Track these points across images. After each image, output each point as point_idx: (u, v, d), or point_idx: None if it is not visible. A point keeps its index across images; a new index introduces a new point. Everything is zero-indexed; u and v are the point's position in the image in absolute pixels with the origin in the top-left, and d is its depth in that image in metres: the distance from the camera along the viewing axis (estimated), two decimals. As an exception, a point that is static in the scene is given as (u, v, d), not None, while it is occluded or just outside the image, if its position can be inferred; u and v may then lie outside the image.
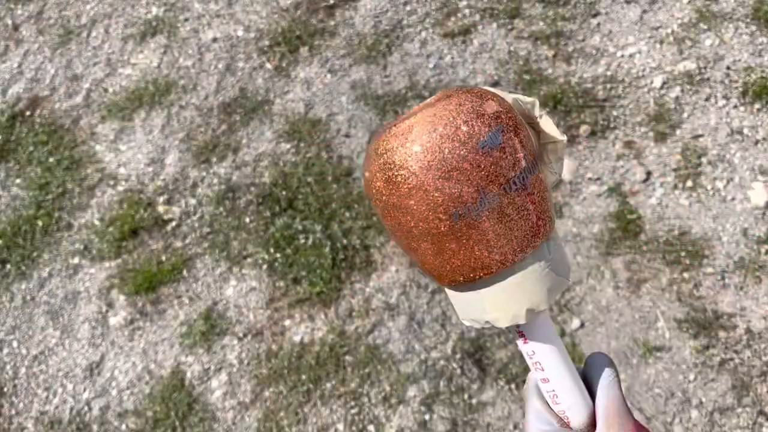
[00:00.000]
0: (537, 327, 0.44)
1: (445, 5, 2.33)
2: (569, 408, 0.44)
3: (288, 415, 1.62)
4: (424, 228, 0.39)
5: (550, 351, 0.44)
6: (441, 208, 0.38)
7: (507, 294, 0.41)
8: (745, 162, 1.88)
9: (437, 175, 0.38)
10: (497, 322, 0.42)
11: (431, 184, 0.38)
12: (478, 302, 0.42)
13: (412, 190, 0.38)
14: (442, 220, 0.39)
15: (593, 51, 2.16)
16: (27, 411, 1.71)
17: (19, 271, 1.92)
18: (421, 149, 0.38)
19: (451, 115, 0.39)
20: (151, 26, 2.41)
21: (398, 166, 0.39)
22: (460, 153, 0.38)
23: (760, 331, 1.64)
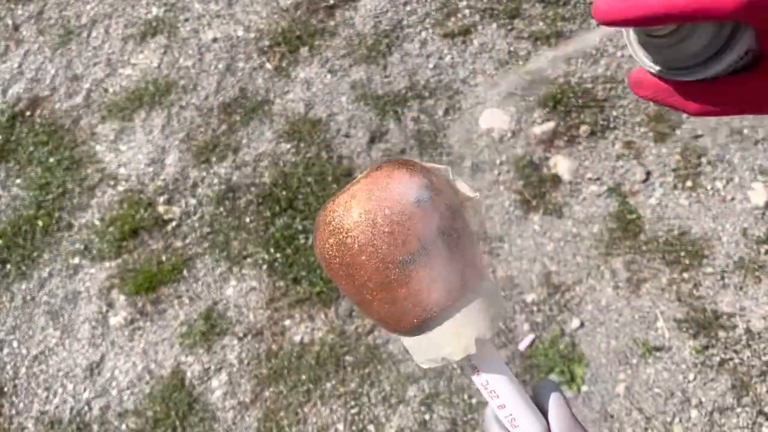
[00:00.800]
0: (486, 358, 0.49)
1: (445, 5, 2.33)
2: (527, 429, 0.48)
3: (288, 415, 1.62)
4: (377, 279, 0.45)
5: (502, 378, 0.49)
6: (389, 257, 0.44)
7: (456, 328, 0.47)
8: (745, 162, 1.89)
9: (382, 230, 0.44)
10: (452, 355, 0.47)
11: (378, 239, 0.44)
12: (431, 342, 0.48)
13: (362, 247, 0.45)
14: (392, 269, 0.45)
15: (593, 51, 2.16)
16: (27, 411, 1.71)
17: (19, 271, 1.92)
18: (365, 210, 0.45)
19: (385, 180, 0.46)
20: (152, 26, 2.41)
21: (347, 229, 0.45)
22: (398, 209, 0.44)
23: (759, 330, 1.64)
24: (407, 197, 0.45)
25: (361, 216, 0.45)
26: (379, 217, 0.45)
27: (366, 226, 0.45)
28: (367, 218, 0.45)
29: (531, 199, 1.88)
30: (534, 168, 1.94)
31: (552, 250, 1.80)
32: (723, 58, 0.34)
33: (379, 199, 0.45)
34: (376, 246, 0.45)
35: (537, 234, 1.83)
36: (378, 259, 0.45)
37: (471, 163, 1.96)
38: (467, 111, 2.07)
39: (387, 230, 0.44)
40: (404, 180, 0.46)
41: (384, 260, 0.45)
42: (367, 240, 0.45)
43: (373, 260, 0.45)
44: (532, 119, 2.03)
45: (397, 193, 0.45)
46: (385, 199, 0.45)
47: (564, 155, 1.95)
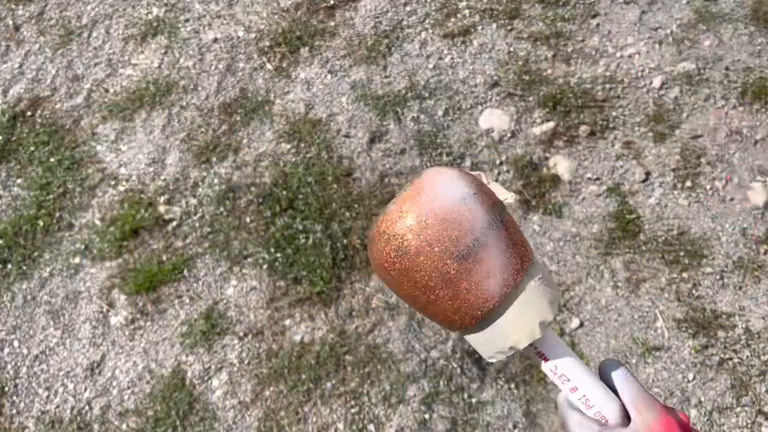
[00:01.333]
0: (550, 344, 0.51)
1: (445, 6, 2.34)
2: (602, 407, 0.50)
3: (288, 415, 1.63)
4: (437, 277, 0.48)
5: (570, 361, 0.51)
6: (446, 254, 0.47)
7: (518, 315, 0.49)
8: (744, 162, 1.89)
9: (435, 229, 0.47)
10: (519, 343, 0.49)
11: (433, 238, 0.47)
12: (497, 334, 0.50)
13: (419, 248, 0.47)
14: (450, 265, 0.47)
15: (592, 51, 2.16)
16: (28, 410, 1.71)
17: (20, 270, 1.92)
18: (416, 214, 0.48)
19: (430, 184, 0.49)
20: (152, 27, 2.42)
21: (402, 235, 0.48)
22: (447, 208, 0.48)
23: (758, 330, 1.64)
24: (453, 196, 0.48)
25: (413, 220, 0.48)
26: (430, 218, 0.47)
27: (420, 229, 0.47)
28: (419, 221, 0.48)
29: (531, 199, 1.89)
30: (534, 168, 1.94)
31: (551, 249, 1.81)
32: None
33: (427, 202, 0.48)
34: (432, 245, 0.47)
35: (537, 234, 1.83)
36: (436, 258, 0.47)
37: (471, 163, 1.97)
38: (467, 111, 2.08)
39: (440, 229, 0.47)
40: (447, 181, 0.49)
41: (441, 258, 0.47)
42: (423, 241, 0.47)
43: (432, 259, 0.48)
44: (531, 119, 2.04)
45: (444, 194, 0.48)
46: (432, 201, 0.48)
47: (564, 155, 1.96)
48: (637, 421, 0.48)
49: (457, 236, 0.47)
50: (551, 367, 0.51)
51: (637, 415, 0.49)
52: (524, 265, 0.49)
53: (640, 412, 0.49)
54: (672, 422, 0.48)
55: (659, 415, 0.48)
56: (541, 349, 0.51)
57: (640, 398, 0.50)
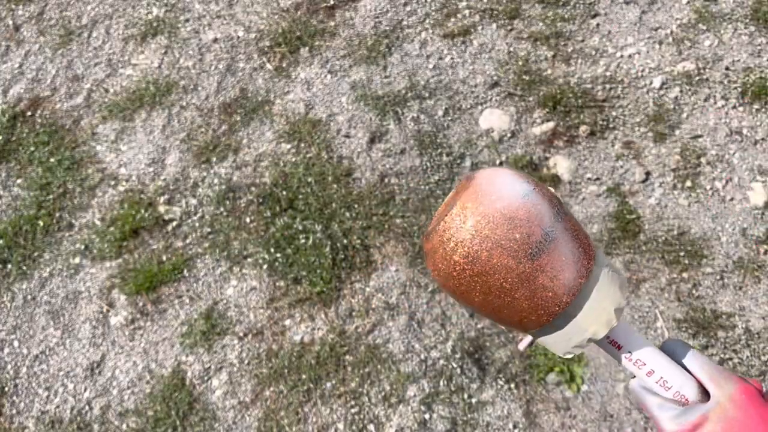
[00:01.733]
0: (623, 331, 0.51)
1: (445, 6, 2.34)
2: (681, 387, 0.50)
3: (288, 415, 1.63)
4: (512, 277, 0.47)
5: (644, 346, 0.50)
6: (519, 252, 0.46)
7: (595, 305, 0.48)
8: (744, 162, 1.89)
9: (504, 229, 0.46)
10: (597, 334, 0.49)
11: (503, 238, 0.46)
12: (574, 328, 0.49)
13: (490, 250, 0.46)
14: (524, 262, 0.46)
15: (592, 51, 2.16)
16: (28, 410, 1.71)
17: (20, 270, 1.92)
18: (482, 216, 0.46)
19: (487, 185, 0.48)
20: (152, 27, 2.42)
21: (469, 240, 0.47)
22: (512, 206, 0.46)
23: (759, 330, 1.64)
24: (515, 193, 0.47)
25: (480, 223, 0.46)
26: (497, 218, 0.46)
27: (489, 230, 0.46)
28: (487, 223, 0.46)
29: (531, 199, 1.88)
30: (534, 168, 1.94)
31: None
32: None
33: (490, 203, 0.47)
34: (503, 245, 0.46)
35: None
36: (509, 257, 0.46)
37: (471, 163, 1.97)
38: (467, 111, 2.08)
39: (509, 228, 0.46)
40: (506, 180, 0.48)
41: (515, 256, 0.46)
42: (493, 243, 0.46)
43: (505, 259, 0.46)
44: (531, 119, 2.04)
45: (505, 193, 0.47)
46: (495, 201, 0.47)
47: (563, 155, 1.96)
48: (718, 394, 0.48)
49: (527, 233, 0.46)
50: (625, 354, 0.51)
51: (716, 388, 0.48)
52: (592, 253, 0.48)
53: (719, 386, 0.49)
54: (752, 390, 0.48)
55: (738, 385, 0.48)
56: (614, 338, 0.51)
57: (716, 372, 0.49)
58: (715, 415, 0.47)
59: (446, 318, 1.71)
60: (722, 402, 0.47)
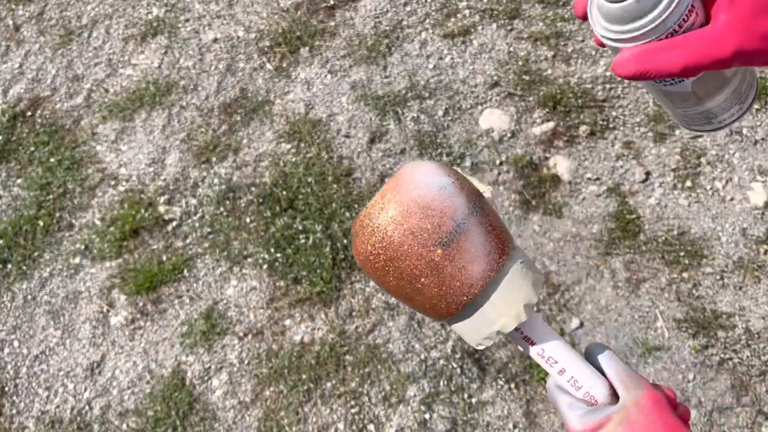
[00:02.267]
0: (537, 327, 0.52)
1: (445, 6, 2.34)
2: (591, 387, 0.51)
3: (288, 415, 1.63)
4: (422, 264, 0.49)
5: (557, 344, 0.52)
6: (429, 241, 0.48)
7: (503, 298, 0.50)
8: (744, 162, 1.89)
9: (417, 217, 0.48)
10: (506, 327, 0.50)
11: (415, 226, 0.48)
12: (483, 319, 0.50)
13: (402, 237, 0.48)
14: (434, 251, 0.48)
15: (592, 51, 2.16)
16: (28, 410, 1.71)
17: (20, 270, 1.92)
18: (398, 204, 0.49)
19: (409, 175, 0.50)
20: (152, 27, 2.42)
21: (385, 226, 0.49)
22: (427, 196, 0.49)
23: (759, 330, 1.64)
24: (432, 185, 0.49)
25: (395, 209, 0.49)
26: (412, 207, 0.48)
27: (402, 218, 0.48)
28: (401, 211, 0.49)
29: (531, 199, 1.89)
30: (534, 168, 1.94)
31: (551, 249, 1.81)
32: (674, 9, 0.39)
33: (407, 192, 0.49)
34: (415, 233, 0.48)
35: (537, 234, 1.83)
36: (419, 245, 0.48)
37: (471, 163, 1.97)
38: (467, 111, 2.08)
39: (421, 217, 0.48)
40: (426, 171, 0.50)
41: (425, 244, 0.48)
42: (406, 230, 0.48)
43: (415, 247, 0.48)
44: (531, 119, 2.04)
45: (423, 183, 0.49)
46: (412, 191, 0.49)
47: (563, 155, 1.96)
48: (626, 398, 0.49)
49: (438, 223, 0.48)
50: (538, 351, 0.52)
51: (625, 391, 0.50)
52: (506, 249, 0.50)
53: (627, 389, 0.50)
54: (659, 397, 0.49)
55: (647, 391, 0.49)
56: (527, 333, 0.52)
57: (627, 376, 0.50)
58: (618, 417, 0.48)
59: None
60: (628, 405, 0.48)
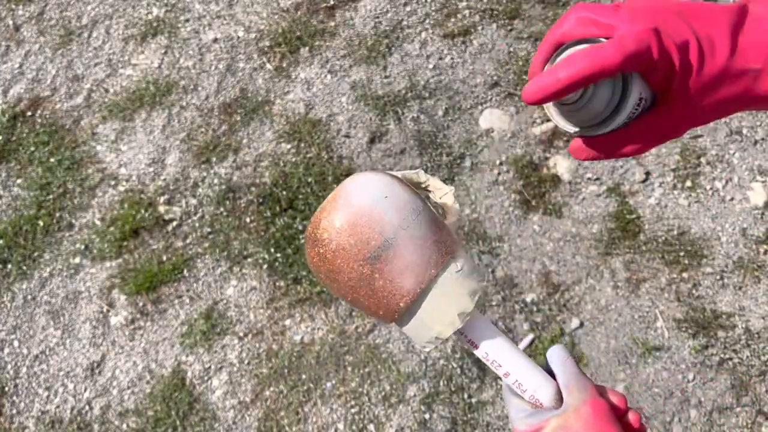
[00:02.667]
0: (480, 330, 0.53)
1: (445, 6, 2.34)
2: (535, 390, 0.51)
3: (288, 415, 1.63)
4: (355, 278, 0.50)
5: (499, 347, 0.52)
6: (359, 256, 0.50)
7: (436, 306, 0.51)
8: (744, 162, 1.89)
9: (346, 233, 0.50)
10: (442, 333, 0.51)
11: (345, 242, 0.50)
12: (421, 324, 0.52)
13: (335, 252, 0.50)
14: (364, 265, 0.50)
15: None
16: (28, 410, 1.71)
17: (20, 270, 1.92)
18: (331, 219, 0.51)
19: (347, 189, 0.52)
20: (152, 27, 2.42)
21: (320, 240, 0.51)
22: (358, 212, 0.50)
23: (758, 330, 1.64)
24: (365, 200, 0.50)
25: (329, 224, 0.51)
26: (343, 223, 0.50)
27: (334, 234, 0.50)
28: (333, 226, 0.50)
29: (531, 199, 1.89)
30: (534, 168, 1.94)
31: (551, 249, 1.81)
32: (623, 110, 0.42)
33: (342, 207, 0.51)
34: (345, 249, 0.50)
35: (536, 234, 1.83)
36: (350, 260, 0.50)
37: (471, 163, 1.97)
38: (467, 111, 2.08)
39: (350, 233, 0.50)
40: (361, 185, 0.52)
41: (355, 259, 0.50)
42: (337, 245, 0.50)
43: (347, 262, 0.50)
44: (531, 119, 2.04)
45: (356, 198, 0.51)
46: (346, 206, 0.51)
47: (563, 155, 1.96)
48: (568, 402, 0.49)
49: (367, 239, 0.49)
50: (482, 354, 0.53)
51: (569, 396, 0.49)
52: (442, 259, 0.51)
53: (571, 394, 0.49)
54: (601, 404, 0.49)
55: (589, 397, 0.49)
56: (470, 337, 0.53)
57: (573, 380, 0.50)
58: (556, 421, 0.48)
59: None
60: (568, 411, 0.48)
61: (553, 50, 0.45)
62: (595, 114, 0.43)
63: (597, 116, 0.43)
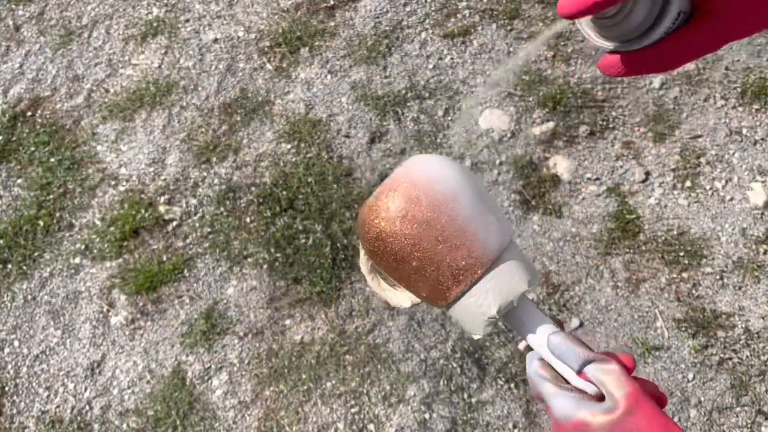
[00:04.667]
0: (530, 314, 0.54)
1: (444, 6, 2.34)
2: (577, 380, 0.52)
3: (288, 414, 1.63)
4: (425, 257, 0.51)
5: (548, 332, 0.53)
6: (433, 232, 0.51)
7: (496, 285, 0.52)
8: (744, 162, 1.89)
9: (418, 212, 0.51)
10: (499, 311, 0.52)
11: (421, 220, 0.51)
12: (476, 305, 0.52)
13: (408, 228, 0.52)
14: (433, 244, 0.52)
15: (592, 51, 2.16)
16: (28, 410, 1.71)
17: (20, 270, 1.93)
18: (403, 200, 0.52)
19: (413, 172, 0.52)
20: (152, 27, 2.42)
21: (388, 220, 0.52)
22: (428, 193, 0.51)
23: (758, 330, 1.64)
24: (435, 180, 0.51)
25: (399, 205, 0.51)
26: (414, 202, 0.51)
27: (408, 213, 0.51)
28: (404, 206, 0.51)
29: (530, 199, 1.89)
30: (533, 168, 1.94)
31: (551, 249, 1.81)
32: (662, 23, 0.40)
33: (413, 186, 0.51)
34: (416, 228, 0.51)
35: (536, 234, 1.84)
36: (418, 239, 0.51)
37: (471, 163, 1.97)
38: (467, 111, 2.08)
39: (423, 211, 0.51)
40: (429, 167, 0.52)
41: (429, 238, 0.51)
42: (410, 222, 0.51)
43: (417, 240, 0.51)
44: (531, 119, 2.04)
45: (426, 179, 0.51)
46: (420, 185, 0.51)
47: (563, 155, 1.96)
48: (611, 393, 0.48)
49: (446, 216, 0.51)
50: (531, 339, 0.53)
51: (609, 388, 0.49)
52: (504, 241, 0.52)
53: (610, 386, 0.49)
54: (643, 398, 0.48)
55: (630, 390, 0.48)
56: (520, 319, 0.54)
57: (610, 374, 0.49)
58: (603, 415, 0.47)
59: (446, 318, 1.71)
60: (617, 408, 0.47)
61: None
62: (632, 28, 0.42)
63: (634, 31, 0.42)
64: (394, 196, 0.52)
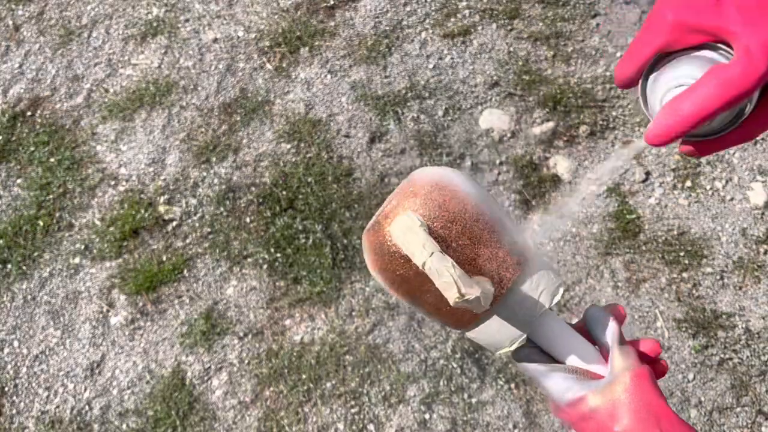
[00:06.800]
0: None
1: (444, 6, 2.34)
2: (577, 357, 0.52)
3: (288, 415, 1.63)
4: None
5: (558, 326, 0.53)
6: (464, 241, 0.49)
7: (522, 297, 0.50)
8: (744, 162, 1.89)
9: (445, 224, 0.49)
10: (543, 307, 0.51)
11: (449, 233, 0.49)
12: (502, 324, 0.51)
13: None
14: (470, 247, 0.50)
15: (592, 51, 2.16)
16: (28, 410, 1.71)
17: (20, 270, 1.92)
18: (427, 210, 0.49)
19: (440, 182, 0.50)
20: (152, 27, 2.42)
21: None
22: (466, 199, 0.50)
23: (758, 330, 1.64)
24: (464, 192, 0.50)
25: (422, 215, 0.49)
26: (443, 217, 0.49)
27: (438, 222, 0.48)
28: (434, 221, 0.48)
29: (531, 199, 1.89)
30: (534, 168, 1.94)
31: (551, 250, 1.81)
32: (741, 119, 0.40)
33: (438, 199, 0.49)
34: (447, 234, 0.48)
35: (536, 234, 1.83)
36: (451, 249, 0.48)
37: (471, 163, 1.97)
38: (467, 111, 2.08)
39: (454, 230, 0.48)
40: (457, 179, 0.51)
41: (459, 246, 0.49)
42: (440, 233, 0.48)
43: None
44: (531, 119, 2.04)
45: (457, 191, 0.49)
46: (437, 206, 0.49)
47: (563, 155, 1.96)
48: (612, 371, 0.48)
49: (469, 228, 0.49)
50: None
51: (611, 364, 0.48)
52: (522, 256, 0.51)
53: (614, 361, 0.48)
54: (644, 373, 0.48)
55: (633, 366, 0.48)
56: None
57: (615, 345, 0.49)
58: (600, 392, 0.46)
59: (446, 318, 1.71)
60: (614, 382, 0.46)
61: (653, 59, 0.41)
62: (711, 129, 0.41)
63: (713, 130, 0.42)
64: (413, 209, 0.50)
